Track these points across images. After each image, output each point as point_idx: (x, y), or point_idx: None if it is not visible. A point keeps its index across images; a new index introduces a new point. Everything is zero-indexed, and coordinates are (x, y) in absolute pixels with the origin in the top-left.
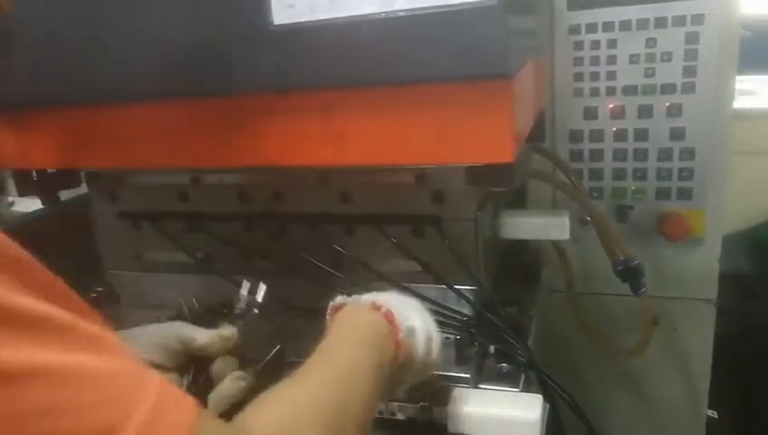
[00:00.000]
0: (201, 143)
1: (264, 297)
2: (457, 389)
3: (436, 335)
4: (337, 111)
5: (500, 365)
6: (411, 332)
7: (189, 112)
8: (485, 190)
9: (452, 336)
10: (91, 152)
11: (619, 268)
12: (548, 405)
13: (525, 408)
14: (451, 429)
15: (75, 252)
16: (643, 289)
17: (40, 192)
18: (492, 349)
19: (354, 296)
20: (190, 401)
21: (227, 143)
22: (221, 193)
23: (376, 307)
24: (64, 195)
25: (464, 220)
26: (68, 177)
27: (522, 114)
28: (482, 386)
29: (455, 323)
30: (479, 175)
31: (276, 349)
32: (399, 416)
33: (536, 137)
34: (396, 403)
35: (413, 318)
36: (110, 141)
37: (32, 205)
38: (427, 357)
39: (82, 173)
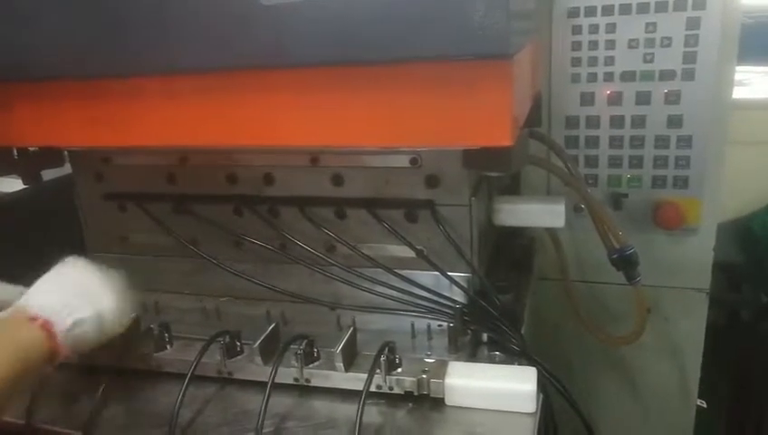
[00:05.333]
0: (187, 121)
1: None
2: (452, 362)
3: (110, 311)
4: (328, 90)
5: (493, 353)
6: (77, 324)
7: (167, 88)
8: (482, 175)
9: (445, 324)
10: (68, 129)
11: (614, 256)
12: (540, 394)
13: (521, 380)
14: (448, 402)
15: (58, 233)
16: (638, 278)
17: (21, 171)
18: (485, 337)
19: (14, 307)
20: None
21: (220, 121)
22: (209, 174)
23: (32, 318)
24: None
25: (458, 206)
26: (50, 156)
27: (520, 96)
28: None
29: (448, 310)
30: (476, 159)
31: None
32: (396, 390)
33: (533, 121)
34: (394, 377)
35: (80, 308)
36: (85, 118)
37: (13, 185)
38: (101, 332)
39: (65, 152)
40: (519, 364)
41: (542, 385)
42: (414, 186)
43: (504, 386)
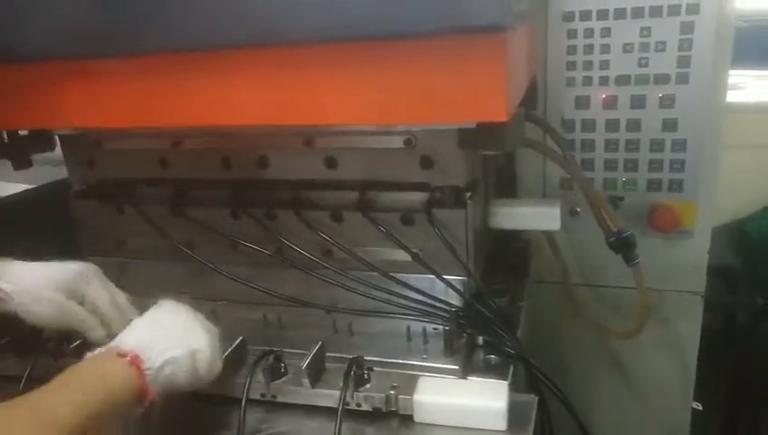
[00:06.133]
0: (178, 101)
1: None
2: (422, 378)
3: (203, 352)
4: (322, 68)
5: (489, 357)
6: (168, 363)
7: (156, 67)
8: (478, 154)
9: (440, 327)
10: (56, 111)
11: (612, 240)
12: (537, 397)
13: (491, 396)
14: (417, 419)
15: (54, 237)
16: (636, 260)
17: (11, 155)
18: (480, 340)
19: (112, 342)
20: None
21: (212, 100)
22: (203, 158)
23: (121, 354)
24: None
25: (454, 209)
26: (40, 140)
27: (516, 73)
28: (470, 378)
29: (443, 313)
30: (472, 138)
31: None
32: (365, 406)
33: (529, 105)
34: (362, 394)
35: (172, 348)
36: (74, 99)
37: (7, 189)
38: (195, 374)
39: (56, 136)
40: (514, 367)
41: (537, 388)
42: (409, 167)
43: (474, 403)
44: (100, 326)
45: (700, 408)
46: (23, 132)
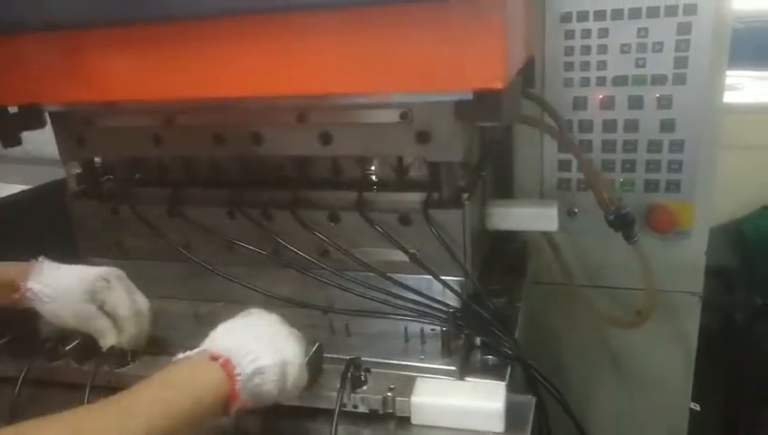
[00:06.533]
0: (171, 72)
1: None
2: (420, 379)
3: (293, 364)
4: (319, 35)
5: (486, 358)
6: (258, 372)
7: (146, 37)
8: (475, 129)
9: (438, 328)
10: (44, 84)
11: (611, 217)
12: (534, 398)
13: (488, 397)
14: (414, 420)
15: (50, 238)
16: (635, 238)
17: (1, 133)
18: (478, 341)
19: (203, 345)
20: None
21: (205, 71)
22: (196, 135)
23: (214, 358)
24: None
25: (451, 209)
26: (30, 117)
27: (512, 42)
28: (468, 379)
29: (441, 314)
30: (468, 109)
31: None
32: (362, 408)
33: (526, 82)
34: (359, 395)
35: (263, 356)
36: (61, 73)
37: (6, 189)
38: (283, 385)
39: (46, 113)
40: (512, 368)
41: (535, 389)
42: (404, 142)
43: (471, 404)
44: (114, 333)
45: (698, 408)
46: (12, 109)
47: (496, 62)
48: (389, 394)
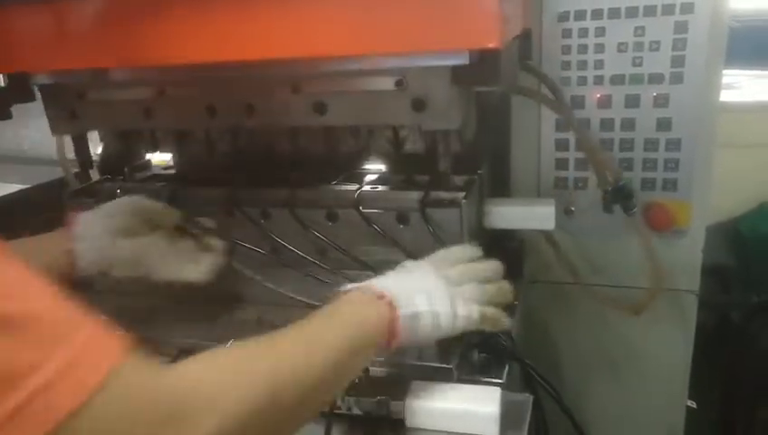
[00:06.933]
0: (164, 37)
1: None
2: (414, 382)
3: (444, 314)
4: None
5: (483, 357)
6: (415, 317)
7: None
8: (471, 97)
9: None
10: (33, 53)
11: (609, 189)
12: (532, 397)
13: (484, 401)
14: (408, 423)
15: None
16: (634, 209)
17: None
18: (475, 340)
19: (364, 283)
20: (118, 344)
21: (196, 35)
22: (188, 107)
23: (380, 296)
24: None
25: (449, 208)
26: (19, 90)
27: (508, 3)
28: (465, 378)
29: None
30: (465, 73)
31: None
32: (356, 411)
33: (523, 55)
34: (353, 398)
35: (419, 303)
36: (50, 40)
37: (3, 189)
38: (433, 333)
39: (35, 86)
40: (509, 367)
41: (532, 387)
42: (400, 110)
43: (466, 408)
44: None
45: (695, 406)
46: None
47: (492, 21)
48: (384, 397)
